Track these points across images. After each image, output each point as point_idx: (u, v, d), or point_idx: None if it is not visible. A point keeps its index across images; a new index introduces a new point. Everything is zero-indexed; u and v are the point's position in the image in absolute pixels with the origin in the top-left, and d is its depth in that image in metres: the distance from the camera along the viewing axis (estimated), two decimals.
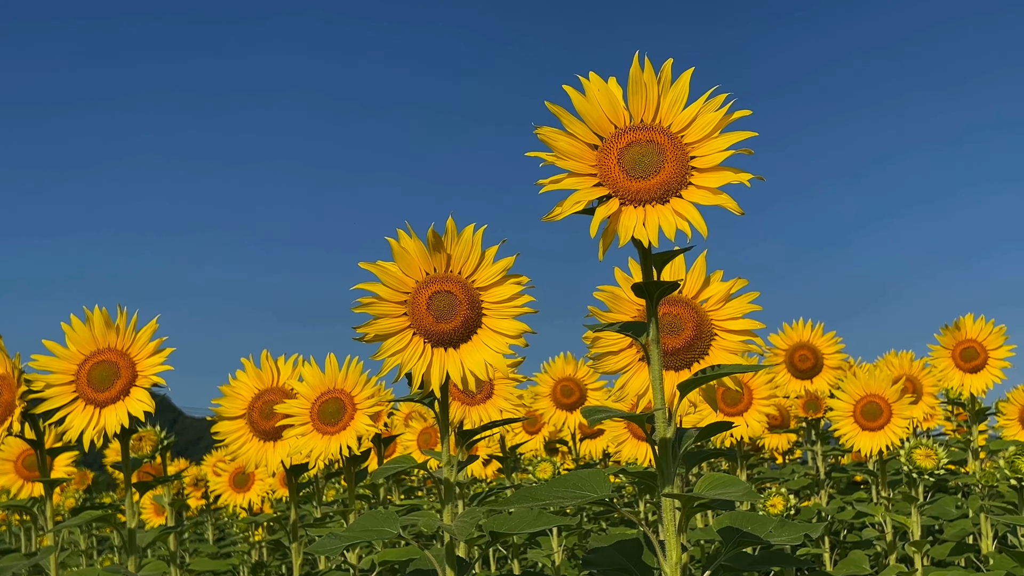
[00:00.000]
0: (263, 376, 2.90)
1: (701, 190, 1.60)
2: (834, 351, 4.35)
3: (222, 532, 6.92)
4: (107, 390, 2.50)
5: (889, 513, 3.77)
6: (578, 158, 1.63)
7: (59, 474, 3.79)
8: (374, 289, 1.89)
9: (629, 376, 2.01)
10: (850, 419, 3.79)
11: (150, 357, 2.54)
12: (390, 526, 2.04)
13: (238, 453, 2.87)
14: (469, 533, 1.89)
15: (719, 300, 1.99)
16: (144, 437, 3.90)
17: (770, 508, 3.51)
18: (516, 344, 1.91)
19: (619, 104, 1.65)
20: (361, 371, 2.80)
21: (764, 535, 1.89)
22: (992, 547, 3.91)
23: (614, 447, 3.92)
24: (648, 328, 1.69)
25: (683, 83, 1.64)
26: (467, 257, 1.92)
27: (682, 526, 1.73)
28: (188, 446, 24.49)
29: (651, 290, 1.68)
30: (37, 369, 2.54)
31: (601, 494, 1.77)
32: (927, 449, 3.47)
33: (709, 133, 1.62)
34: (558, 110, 1.63)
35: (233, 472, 4.65)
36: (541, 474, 3.53)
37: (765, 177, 1.59)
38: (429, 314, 1.88)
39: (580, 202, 1.60)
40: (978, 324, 4.24)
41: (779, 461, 6.49)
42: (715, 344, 1.99)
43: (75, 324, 2.55)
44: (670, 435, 1.72)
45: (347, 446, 2.74)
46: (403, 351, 1.89)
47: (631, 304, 1.99)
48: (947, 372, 4.27)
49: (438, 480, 2.05)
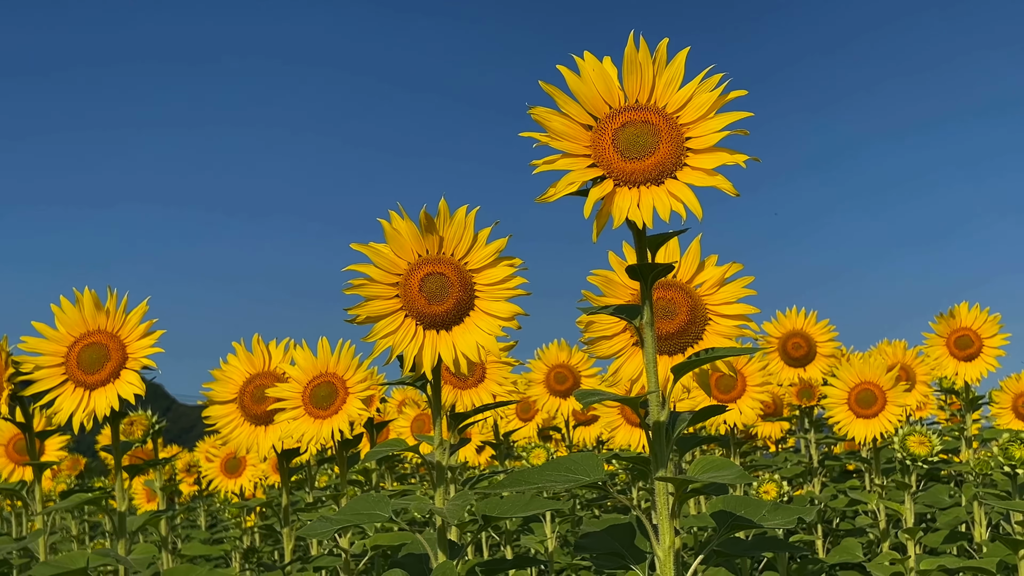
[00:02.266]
0: (254, 360, 2.89)
1: (696, 171, 1.58)
2: (827, 339, 4.35)
3: (214, 518, 6.90)
4: (97, 372, 2.48)
5: (883, 500, 3.77)
6: (572, 138, 1.61)
7: (50, 458, 3.78)
8: (366, 271, 1.87)
9: (623, 361, 1.99)
10: (844, 406, 3.78)
11: (140, 339, 2.52)
12: (381, 509, 2.03)
13: (229, 437, 2.86)
14: (460, 516, 1.88)
15: (713, 284, 1.98)
16: (135, 421, 3.89)
17: (763, 494, 3.51)
18: (509, 326, 1.90)
19: (614, 84, 1.62)
20: (353, 355, 2.79)
21: (758, 519, 1.88)
22: (985, 535, 3.92)
23: (607, 433, 3.91)
24: (642, 311, 1.68)
25: (678, 63, 1.62)
26: (460, 239, 1.90)
27: (675, 511, 1.72)
28: (181, 434, 24.48)
29: (646, 272, 1.66)
30: (26, 351, 2.52)
31: (594, 477, 1.76)
32: (921, 436, 3.46)
33: (704, 114, 1.60)
34: (552, 90, 1.60)
35: (225, 457, 4.64)
36: (535, 460, 3.52)
37: (760, 158, 1.57)
38: (421, 296, 1.86)
39: (574, 183, 1.58)
40: (973, 312, 4.24)
41: (772, 449, 6.49)
42: (709, 329, 1.98)
43: (64, 305, 2.53)
44: (664, 419, 1.71)
45: (339, 430, 2.73)
46: (395, 333, 1.87)
47: (625, 288, 1.98)
48: (941, 360, 4.27)
49: (430, 464, 2.04)
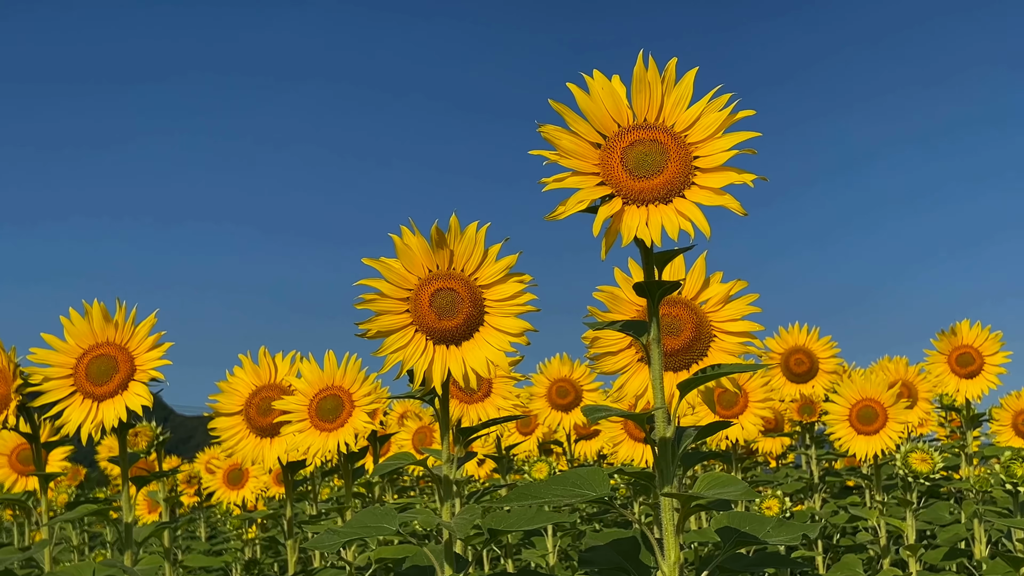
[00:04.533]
0: (260, 372, 2.90)
1: (704, 190, 1.60)
2: (830, 355, 4.36)
3: (214, 530, 6.91)
4: (105, 384, 2.50)
5: (884, 517, 3.78)
6: (581, 157, 1.63)
7: (53, 468, 3.79)
8: (377, 285, 1.89)
9: (628, 377, 2.01)
10: (846, 423, 3.80)
11: (149, 351, 2.53)
12: (388, 522, 2.04)
13: (235, 449, 2.87)
14: (468, 530, 1.89)
15: (718, 301, 1.99)
16: (140, 432, 3.90)
17: (765, 510, 3.52)
18: (518, 342, 1.91)
19: (623, 103, 1.64)
20: (360, 368, 2.81)
21: (762, 535, 1.90)
22: (985, 552, 3.92)
23: (610, 448, 3.92)
24: (649, 327, 1.69)
25: (687, 82, 1.64)
26: (470, 255, 1.92)
27: (680, 526, 1.73)
28: (179, 444, 24.36)
29: (653, 290, 1.68)
30: (35, 362, 2.53)
31: (600, 492, 1.77)
32: (923, 453, 3.48)
33: (713, 133, 1.62)
34: (562, 108, 1.62)
35: (227, 469, 4.65)
36: (537, 474, 3.53)
37: (768, 177, 1.59)
38: (431, 311, 1.88)
39: (583, 201, 1.59)
40: (974, 330, 4.25)
41: (772, 465, 6.50)
42: (714, 345, 1.99)
43: (74, 317, 2.55)
44: (670, 435, 1.72)
45: (345, 443, 2.74)
46: (405, 348, 1.89)
47: (630, 304, 2.00)
48: (942, 377, 4.28)
49: (437, 477, 2.05)
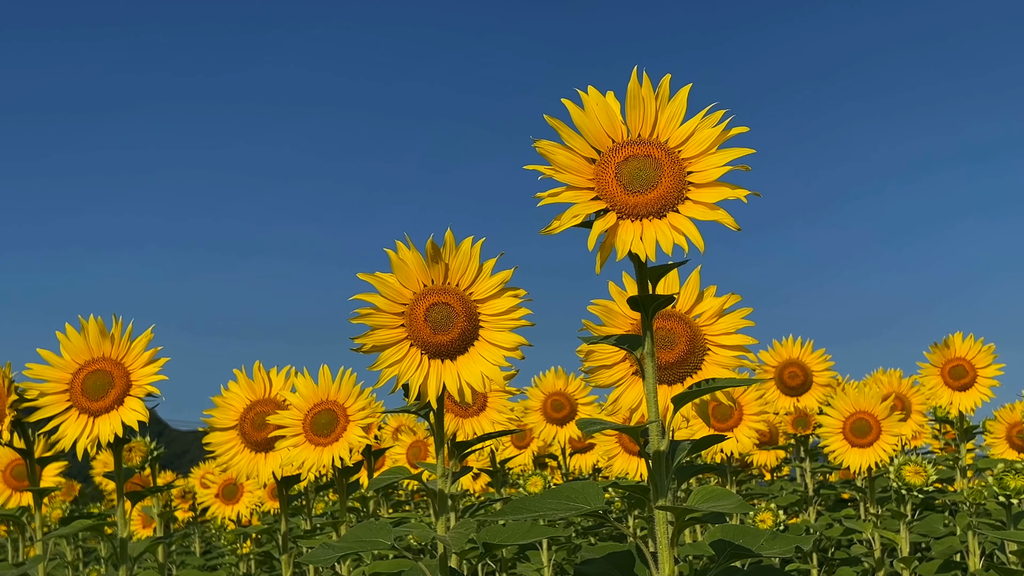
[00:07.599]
0: (255, 387, 2.90)
1: (698, 205, 1.62)
2: (823, 368, 4.37)
3: (208, 544, 6.89)
4: (101, 399, 2.50)
5: (878, 529, 3.78)
6: (576, 172, 1.65)
7: (48, 483, 3.77)
8: (372, 300, 1.90)
9: (622, 390, 2.02)
10: (840, 436, 3.80)
11: (144, 367, 2.54)
12: (383, 537, 2.04)
13: (229, 464, 2.87)
14: (463, 544, 1.89)
15: (712, 315, 2.00)
16: (134, 448, 3.90)
17: (759, 523, 3.53)
18: (513, 357, 1.92)
19: (617, 118, 1.66)
20: (354, 383, 2.81)
21: (756, 548, 1.90)
22: (979, 564, 3.93)
23: (605, 461, 3.92)
24: (644, 341, 1.70)
25: (681, 98, 1.66)
26: (465, 269, 1.92)
27: (674, 539, 1.74)
28: (173, 459, 24.34)
29: (647, 303, 1.69)
30: (31, 378, 2.53)
31: (595, 506, 1.78)
32: (916, 466, 3.49)
33: (706, 149, 1.63)
34: (557, 123, 1.64)
35: (222, 484, 4.64)
36: (532, 488, 3.53)
37: (761, 193, 1.61)
38: (427, 325, 1.89)
39: (578, 215, 1.61)
40: (967, 342, 4.27)
41: (767, 478, 6.51)
42: (708, 359, 2.00)
43: (70, 333, 2.55)
44: (664, 447, 1.73)
45: (339, 457, 2.74)
46: (400, 362, 1.90)
47: (625, 318, 2.01)
48: (936, 390, 4.30)
49: (432, 491, 2.05)
